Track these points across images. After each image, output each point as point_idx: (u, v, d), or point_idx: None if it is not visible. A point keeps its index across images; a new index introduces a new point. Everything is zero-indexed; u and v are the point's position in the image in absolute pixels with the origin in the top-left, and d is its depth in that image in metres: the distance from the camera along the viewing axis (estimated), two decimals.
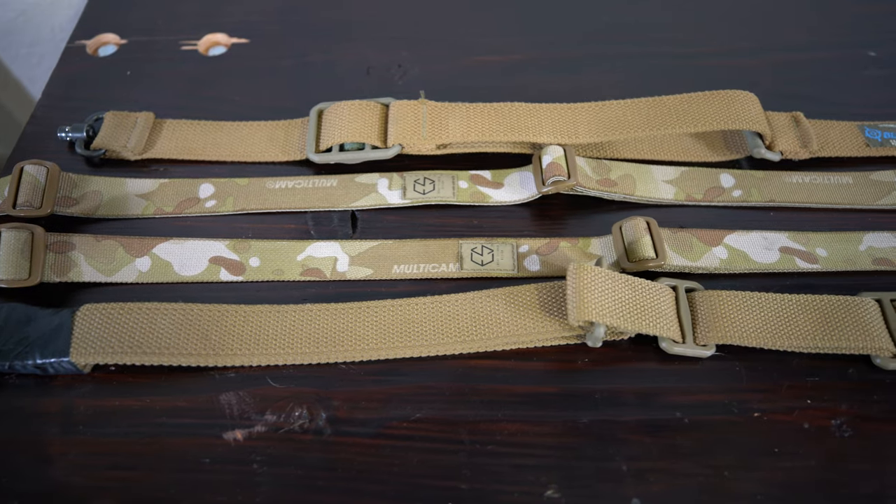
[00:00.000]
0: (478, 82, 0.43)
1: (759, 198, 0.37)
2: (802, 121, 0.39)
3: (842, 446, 0.29)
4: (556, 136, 0.37)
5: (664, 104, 0.37)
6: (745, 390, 0.31)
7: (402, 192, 0.37)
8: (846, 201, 0.37)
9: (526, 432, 0.29)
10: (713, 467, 0.29)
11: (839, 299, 0.32)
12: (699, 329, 0.31)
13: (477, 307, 0.32)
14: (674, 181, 0.38)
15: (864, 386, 0.31)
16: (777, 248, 0.35)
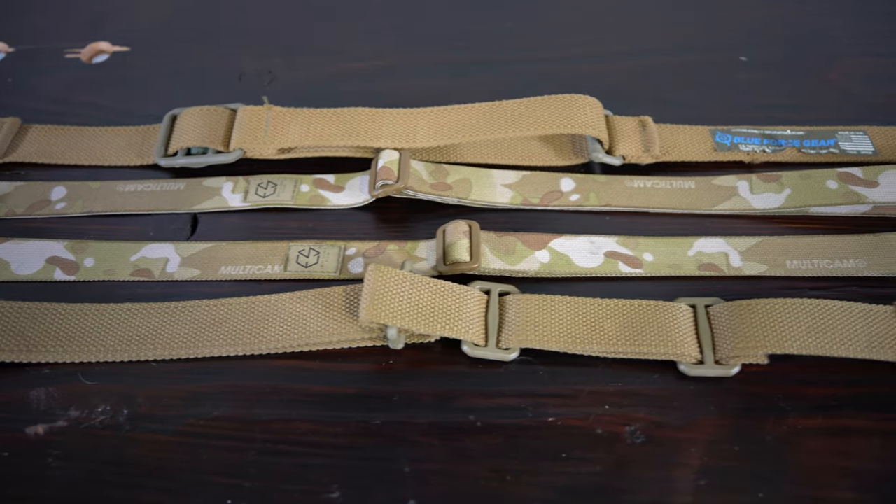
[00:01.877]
0: (345, 88, 0.44)
1: (596, 202, 0.37)
2: (649, 125, 0.39)
3: (631, 452, 0.29)
4: (394, 141, 0.37)
5: (503, 108, 0.37)
6: (545, 394, 0.30)
7: (244, 195, 0.37)
8: (685, 206, 0.36)
9: (318, 432, 0.30)
10: (497, 471, 0.28)
11: (649, 304, 0.32)
12: (504, 333, 0.31)
13: (287, 308, 0.32)
14: (513, 185, 0.37)
15: (666, 392, 0.30)
16: (603, 252, 0.34)
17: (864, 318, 0.31)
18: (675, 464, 0.29)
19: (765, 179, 0.37)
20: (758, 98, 0.42)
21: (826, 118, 0.41)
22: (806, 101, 0.42)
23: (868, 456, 0.29)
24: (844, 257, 0.34)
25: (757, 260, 0.34)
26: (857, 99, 0.42)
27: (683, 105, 0.42)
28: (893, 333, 0.30)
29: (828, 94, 0.42)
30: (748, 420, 0.29)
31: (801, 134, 0.40)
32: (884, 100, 0.42)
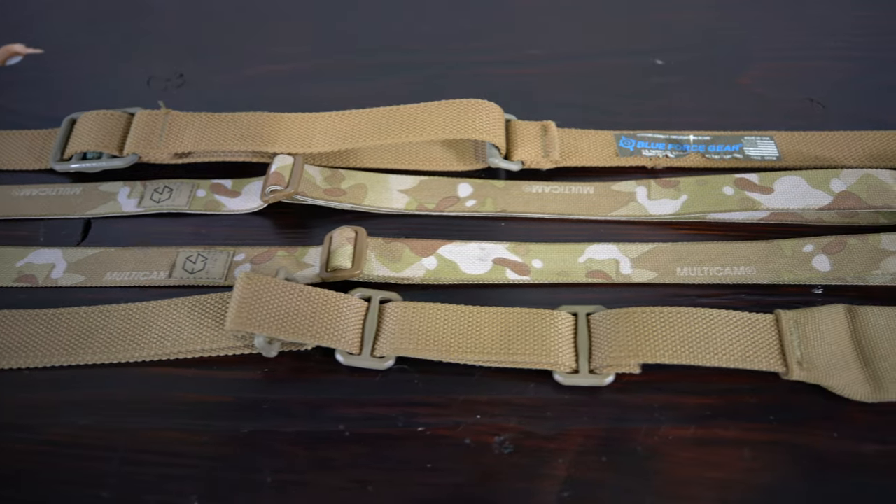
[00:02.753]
0: (260, 92, 0.44)
1: (492, 208, 0.37)
2: (551, 130, 0.38)
3: (499, 463, 0.29)
4: (290, 146, 0.37)
5: (399, 113, 0.37)
6: (418, 403, 0.30)
7: (140, 200, 0.37)
8: (582, 212, 0.36)
9: (185, 441, 0.29)
10: (358, 481, 0.28)
11: (529, 312, 0.31)
12: (379, 341, 0.31)
13: (163, 316, 0.32)
14: (409, 190, 0.37)
15: (539, 402, 0.30)
16: (491, 259, 0.34)
17: (741, 327, 0.31)
18: (541, 475, 0.28)
19: (663, 185, 0.37)
20: (670, 102, 0.42)
21: (736, 123, 0.41)
22: (718, 106, 0.42)
23: (736, 467, 0.28)
24: (735, 265, 0.34)
25: (647, 267, 0.34)
26: (768, 103, 0.42)
27: (595, 109, 0.42)
28: (770, 343, 0.30)
29: (739, 99, 0.42)
30: (620, 431, 0.29)
31: (707, 139, 0.40)
32: (794, 105, 0.42)
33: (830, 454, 0.28)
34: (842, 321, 0.31)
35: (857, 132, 0.39)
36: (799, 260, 0.34)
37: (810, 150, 0.39)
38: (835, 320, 0.31)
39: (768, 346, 0.30)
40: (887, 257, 0.33)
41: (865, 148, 0.39)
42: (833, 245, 0.34)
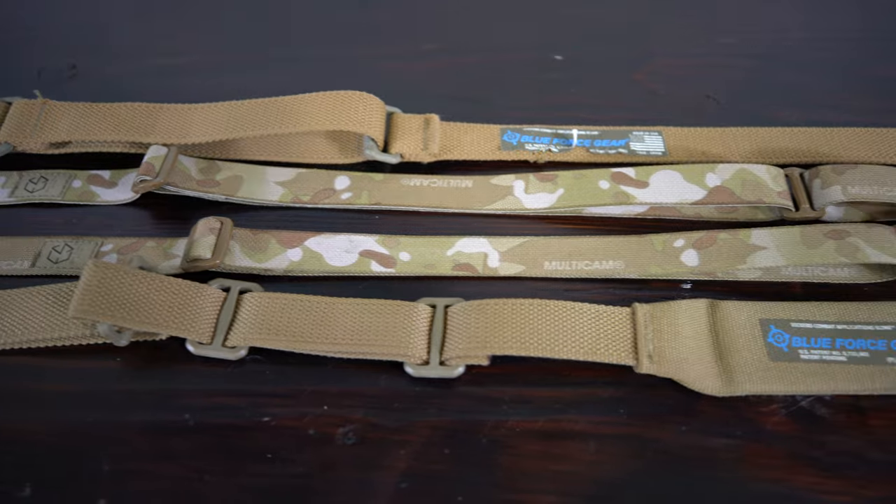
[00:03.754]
0: (152, 84, 0.44)
1: (367, 201, 0.37)
2: (432, 123, 0.39)
3: (340, 454, 0.29)
4: (167, 136, 0.38)
5: (276, 105, 0.38)
6: (266, 394, 0.30)
7: (13, 190, 0.38)
8: (458, 205, 0.37)
9: (26, 430, 0.29)
10: (198, 471, 0.28)
11: (385, 304, 0.32)
12: (233, 331, 0.31)
13: (19, 304, 0.32)
14: (286, 183, 0.38)
15: (389, 393, 0.30)
16: (358, 251, 0.35)
17: (595, 320, 0.31)
18: (381, 466, 0.29)
19: (541, 179, 0.38)
20: (565, 97, 0.43)
21: (630, 118, 0.42)
22: (612, 102, 0.43)
23: (581, 459, 0.29)
24: (604, 259, 0.34)
25: (515, 261, 0.35)
26: (663, 99, 0.43)
27: (488, 104, 0.43)
28: (624, 336, 0.31)
29: (634, 95, 0.43)
30: (467, 423, 0.30)
31: (594, 134, 0.40)
32: (689, 101, 0.43)
33: (677, 448, 0.29)
34: (702, 315, 0.32)
35: (746, 128, 0.40)
36: (668, 255, 0.34)
37: (697, 145, 0.40)
38: (694, 314, 0.32)
39: (621, 339, 0.31)
40: (755, 252, 0.33)
41: (753, 144, 0.40)
42: (704, 240, 0.34)
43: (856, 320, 0.32)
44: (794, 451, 0.29)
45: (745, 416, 0.30)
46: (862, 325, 0.32)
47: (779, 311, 0.32)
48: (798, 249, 0.33)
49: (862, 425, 0.30)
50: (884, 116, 0.41)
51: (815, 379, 0.30)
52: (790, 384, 0.30)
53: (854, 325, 0.32)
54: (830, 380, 0.30)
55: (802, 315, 0.32)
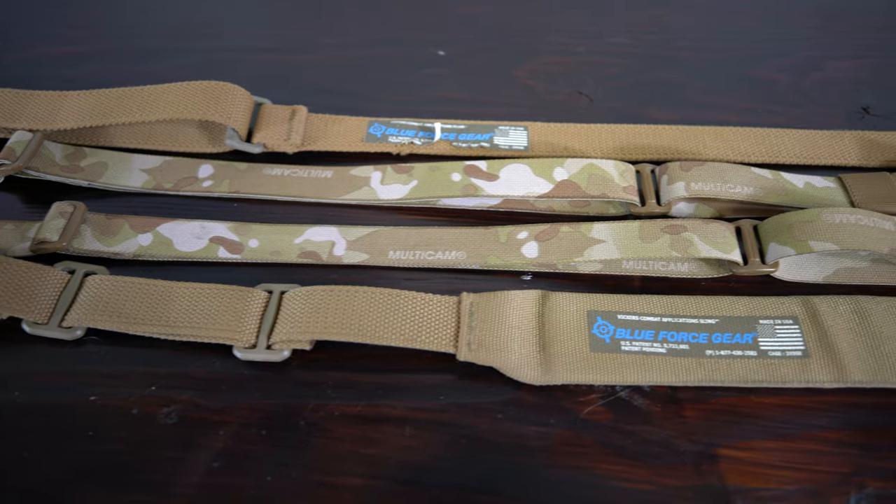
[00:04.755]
0: (37, 73, 0.44)
1: (227, 189, 0.37)
2: (298, 114, 0.39)
3: (158, 432, 0.29)
4: (34, 123, 0.38)
5: (141, 93, 0.38)
6: (98, 374, 0.30)
7: None
8: (315, 195, 0.36)
9: None
10: (18, 448, 0.28)
11: (222, 289, 0.31)
12: (71, 312, 0.31)
13: None
14: (151, 170, 0.38)
15: (218, 376, 0.30)
16: (209, 237, 0.35)
17: (420, 308, 0.31)
18: (197, 446, 0.29)
19: (398, 171, 0.37)
20: (442, 92, 0.43)
21: (503, 114, 0.42)
22: (488, 97, 0.43)
23: (394, 444, 0.28)
24: (448, 249, 0.34)
25: (361, 250, 0.35)
26: (537, 95, 0.43)
27: (368, 97, 0.43)
28: (447, 324, 0.30)
29: (511, 91, 0.43)
30: (288, 406, 0.29)
31: (461, 128, 0.40)
32: (562, 97, 0.43)
33: (490, 435, 0.29)
34: (531, 306, 0.32)
35: (610, 125, 0.40)
36: (510, 246, 0.34)
37: (560, 140, 0.39)
38: (523, 305, 0.32)
39: (443, 327, 0.30)
40: (593, 245, 0.33)
41: (616, 140, 0.39)
42: (546, 233, 0.34)
43: (682, 314, 0.32)
44: (604, 439, 0.29)
45: (561, 405, 0.30)
46: (687, 318, 0.31)
47: (608, 304, 0.32)
48: (634, 243, 0.33)
49: (676, 416, 0.30)
50: (749, 115, 0.41)
51: (633, 370, 0.30)
52: (607, 374, 0.30)
53: (680, 318, 0.31)
54: (648, 371, 0.30)
55: (631, 307, 0.32)
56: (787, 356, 0.30)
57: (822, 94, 0.43)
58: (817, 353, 0.30)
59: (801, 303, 0.32)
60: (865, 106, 0.42)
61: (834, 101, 0.42)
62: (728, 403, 0.30)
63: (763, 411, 0.30)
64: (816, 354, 0.30)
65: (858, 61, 0.45)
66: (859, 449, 0.29)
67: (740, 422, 0.30)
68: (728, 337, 0.31)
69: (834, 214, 0.32)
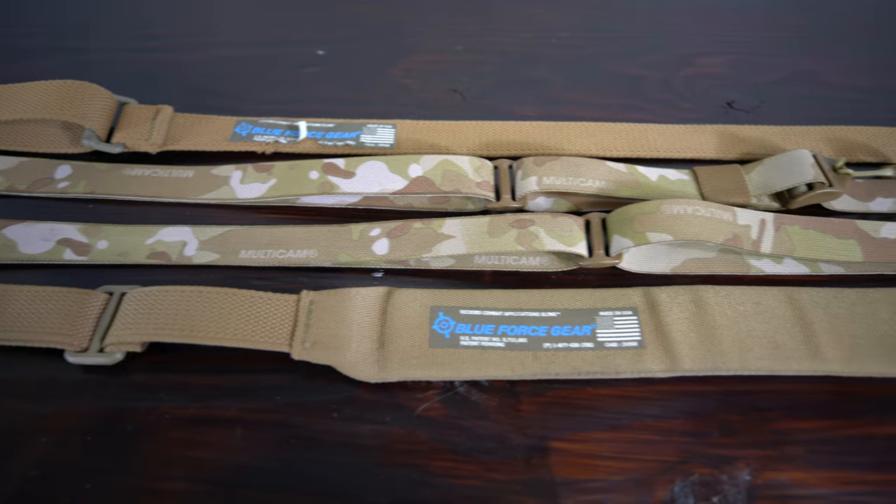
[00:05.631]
0: None
1: (83, 189, 0.35)
2: (162, 114, 0.37)
3: None
4: None
5: (9, 91, 0.36)
6: None
7: None
8: (176, 195, 0.35)
9: None
10: None
11: (53, 291, 0.30)
12: None
13: None
14: (6, 171, 0.36)
15: (49, 380, 0.28)
16: (56, 239, 0.33)
17: (258, 307, 0.29)
18: (16, 453, 0.27)
19: (258, 170, 0.36)
20: (323, 91, 0.42)
21: (378, 111, 0.40)
22: (365, 95, 0.41)
23: (222, 446, 0.27)
24: (299, 248, 0.33)
25: (213, 250, 0.33)
26: (412, 94, 0.42)
27: (243, 98, 0.41)
28: (284, 323, 0.29)
29: (386, 89, 0.42)
30: (119, 411, 0.28)
31: (329, 126, 0.39)
32: (437, 95, 0.41)
33: (323, 434, 0.27)
34: (374, 303, 0.30)
35: (477, 122, 0.39)
36: (362, 243, 0.33)
37: (427, 137, 0.38)
38: (365, 301, 0.30)
39: (280, 326, 0.29)
40: (443, 241, 0.32)
41: (482, 137, 0.38)
42: (399, 229, 0.33)
43: (525, 307, 0.31)
44: (437, 436, 0.28)
45: (398, 403, 0.29)
46: (530, 311, 0.31)
47: (452, 299, 0.31)
48: (482, 238, 0.32)
49: (512, 410, 0.29)
50: (617, 111, 0.41)
51: (470, 365, 0.29)
52: (444, 370, 0.29)
53: (522, 312, 0.31)
54: (485, 365, 0.29)
55: (474, 302, 0.31)
56: (622, 347, 0.29)
57: (691, 90, 0.42)
58: (652, 344, 0.29)
59: (642, 294, 0.31)
60: (730, 101, 0.42)
61: (701, 96, 0.42)
62: (564, 396, 0.29)
63: (598, 403, 0.29)
64: (651, 344, 0.29)
65: (727, 57, 0.45)
66: (690, 436, 0.28)
67: (575, 414, 0.29)
68: (567, 329, 0.30)
69: (672, 206, 0.32)
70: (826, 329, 0.30)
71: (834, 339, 0.30)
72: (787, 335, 0.30)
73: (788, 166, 0.35)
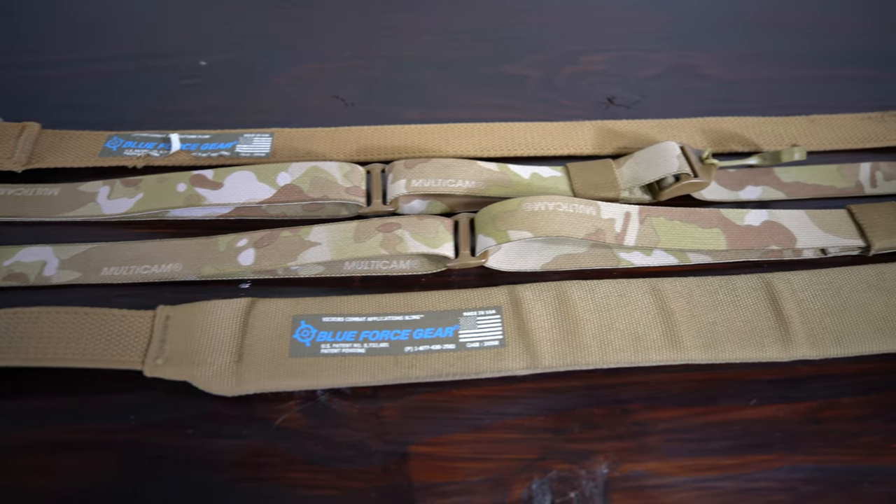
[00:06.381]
0: None
1: None
2: (27, 131, 0.35)
3: None
4: None
5: None
6: None
7: None
8: (42, 214, 0.33)
9: None
10: None
11: None
12: None
13: None
14: None
15: None
16: None
17: (111, 325, 0.28)
18: None
19: (125, 184, 0.35)
20: (205, 102, 0.40)
21: (260, 120, 0.39)
22: (247, 105, 0.40)
23: (70, 471, 0.25)
24: (163, 262, 0.32)
25: (74, 268, 0.32)
26: (296, 102, 0.41)
27: (118, 112, 0.39)
28: (137, 340, 0.28)
29: (269, 99, 0.41)
30: None
31: (205, 138, 0.38)
32: (321, 102, 0.40)
33: (177, 452, 0.26)
34: (235, 315, 0.29)
35: (355, 128, 0.38)
36: (228, 255, 0.32)
37: (304, 145, 0.37)
38: (224, 314, 0.29)
39: (133, 343, 0.28)
40: (308, 249, 0.31)
41: (360, 142, 0.37)
42: (266, 238, 0.32)
43: (389, 311, 0.30)
44: (295, 447, 0.27)
45: (256, 416, 0.28)
46: (393, 315, 0.30)
47: (315, 307, 0.30)
48: (347, 244, 0.31)
49: (374, 416, 0.28)
50: (499, 111, 0.40)
51: (330, 373, 0.28)
52: (304, 379, 0.28)
53: (386, 316, 0.30)
54: (345, 373, 0.28)
55: (338, 309, 0.30)
56: (484, 347, 0.29)
57: (572, 88, 0.42)
58: (513, 342, 0.29)
59: (507, 292, 0.30)
60: (610, 97, 0.42)
61: (582, 93, 0.42)
62: (427, 399, 0.29)
63: (462, 404, 0.29)
64: (512, 343, 0.29)
65: (609, 54, 0.45)
66: (551, 433, 0.28)
67: (438, 417, 0.28)
68: (430, 332, 0.29)
69: (534, 203, 0.32)
70: (687, 318, 0.30)
71: (694, 327, 0.30)
72: (649, 326, 0.30)
73: (656, 159, 0.35)
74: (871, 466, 0.27)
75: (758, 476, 0.27)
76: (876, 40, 0.48)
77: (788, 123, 0.41)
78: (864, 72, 0.45)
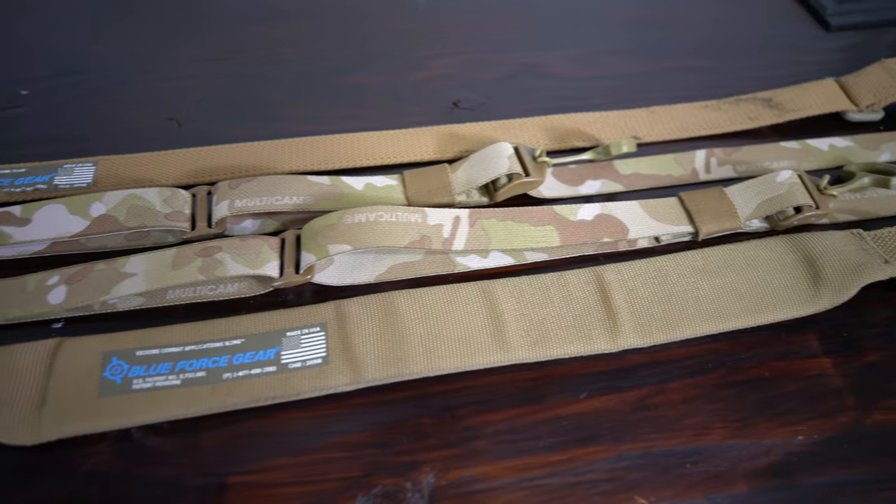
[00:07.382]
0: None
1: None
2: None
3: None
4: None
5: None
6: None
7: None
8: None
9: None
10: None
11: None
12: None
13: None
14: None
15: None
16: None
17: None
18: None
19: None
20: (24, 134, 0.38)
21: (85, 149, 0.37)
22: (69, 134, 0.38)
23: None
24: None
25: None
26: (128, 126, 0.39)
27: None
28: None
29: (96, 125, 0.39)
30: None
31: (21, 171, 0.36)
32: (155, 124, 0.39)
33: None
34: (39, 358, 0.27)
35: (184, 150, 0.37)
36: (37, 295, 0.31)
37: (131, 172, 0.36)
38: (26, 358, 0.27)
39: None
40: (123, 280, 0.30)
41: (189, 165, 0.36)
42: (79, 273, 0.31)
43: (209, 338, 0.29)
44: (104, 492, 0.26)
45: (61, 463, 0.27)
46: (213, 342, 0.29)
47: (128, 341, 0.29)
48: (164, 272, 0.30)
49: (192, 449, 0.27)
50: (341, 123, 0.40)
51: (142, 409, 0.27)
52: (112, 419, 0.27)
53: (205, 343, 0.29)
54: (158, 407, 0.27)
55: (153, 342, 0.29)
56: (306, 366, 0.29)
57: (417, 94, 0.42)
58: (337, 358, 0.29)
59: (333, 308, 0.30)
60: (456, 100, 0.43)
61: (428, 99, 0.42)
62: (251, 425, 0.28)
63: (285, 427, 0.28)
64: (336, 359, 0.29)
65: (455, 58, 0.45)
66: (378, 448, 0.28)
67: (261, 443, 0.28)
68: (251, 356, 0.29)
69: (354, 215, 0.32)
70: (516, 318, 0.31)
71: (523, 326, 0.31)
72: (477, 329, 0.30)
73: (488, 160, 0.36)
74: (693, 447, 0.28)
75: (584, 469, 0.28)
76: (717, 32, 0.50)
77: (629, 116, 0.42)
78: (706, 62, 0.48)
